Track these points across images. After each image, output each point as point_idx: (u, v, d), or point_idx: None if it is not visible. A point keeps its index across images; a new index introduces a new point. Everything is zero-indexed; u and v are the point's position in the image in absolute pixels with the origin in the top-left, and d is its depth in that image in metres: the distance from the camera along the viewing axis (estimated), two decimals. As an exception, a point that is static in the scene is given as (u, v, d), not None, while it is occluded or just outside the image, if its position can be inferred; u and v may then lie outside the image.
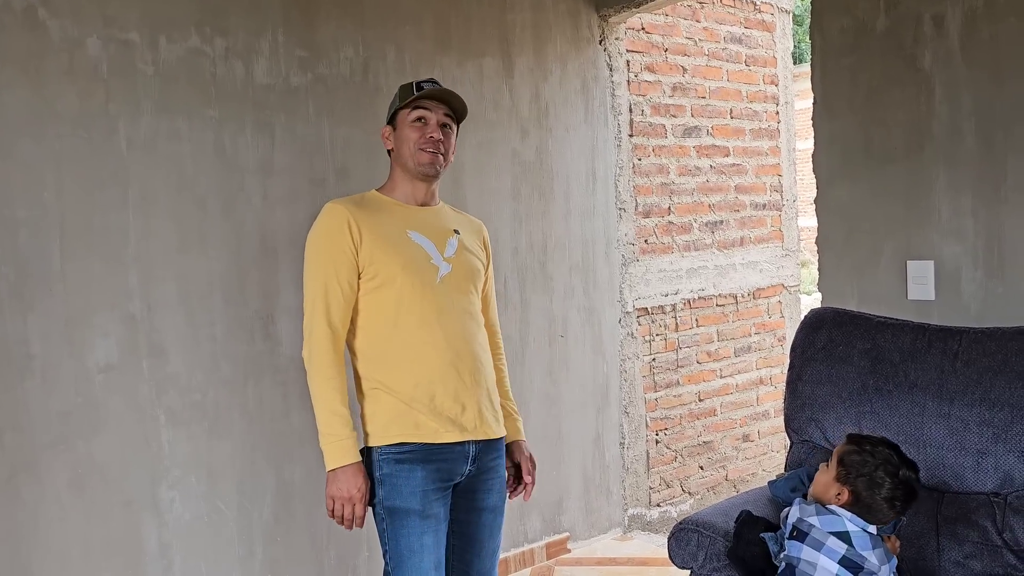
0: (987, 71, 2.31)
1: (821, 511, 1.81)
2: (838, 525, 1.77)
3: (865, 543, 1.74)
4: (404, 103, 2.06)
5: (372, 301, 2.00)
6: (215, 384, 2.66)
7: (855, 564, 1.73)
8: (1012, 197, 2.29)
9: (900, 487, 1.79)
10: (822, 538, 1.76)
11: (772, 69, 4.35)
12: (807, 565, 1.75)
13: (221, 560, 2.68)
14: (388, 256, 1.98)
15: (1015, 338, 2.06)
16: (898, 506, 1.80)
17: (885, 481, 1.79)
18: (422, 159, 2.05)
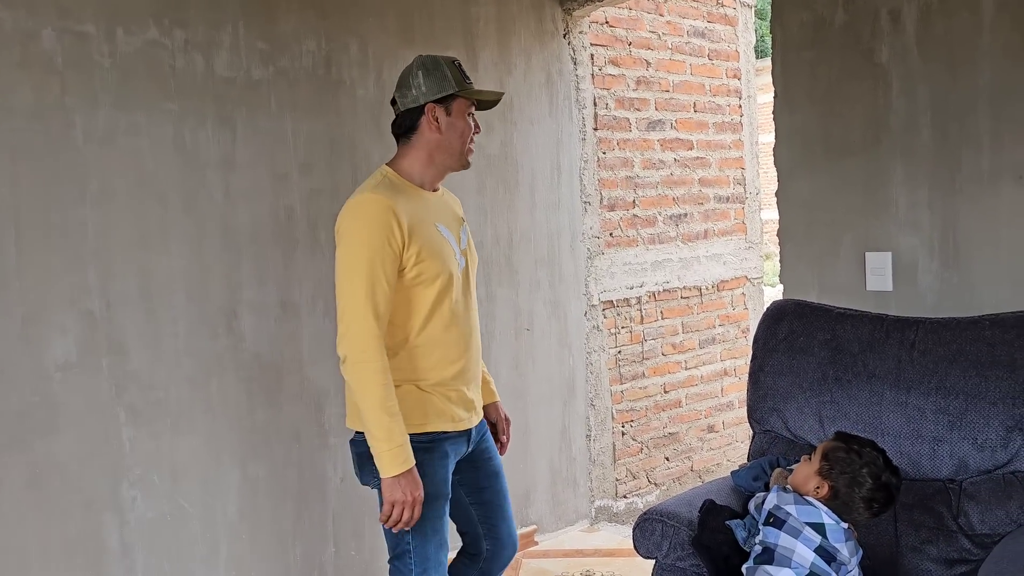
0: (942, 65, 2.35)
1: (799, 501, 1.84)
2: (815, 516, 1.80)
3: (839, 536, 1.78)
4: (467, 93, 2.02)
5: (408, 297, 1.96)
6: (177, 381, 2.63)
7: (829, 554, 1.76)
8: (966, 189, 2.34)
9: (881, 490, 1.82)
10: (799, 527, 1.79)
11: (735, 63, 4.40)
12: (785, 551, 1.79)
13: (185, 559, 2.65)
14: (431, 255, 1.96)
15: (969, 328, 2.11)
16: (875, 508, 1.83)
17: (867, 481, 1.81)
18: (464, 160, 2.08)
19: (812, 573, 1.76)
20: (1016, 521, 1.93)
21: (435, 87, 2.00)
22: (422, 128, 2.02)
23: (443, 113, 2.01)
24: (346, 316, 1.90)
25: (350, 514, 3.01)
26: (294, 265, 2.87)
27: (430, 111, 2.00)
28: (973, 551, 1.96)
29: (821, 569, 1.75)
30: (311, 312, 2.91)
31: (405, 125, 2.04)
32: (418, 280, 1.95)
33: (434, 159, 2.05)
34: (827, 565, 1.76)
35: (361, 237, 1.90)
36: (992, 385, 2.00)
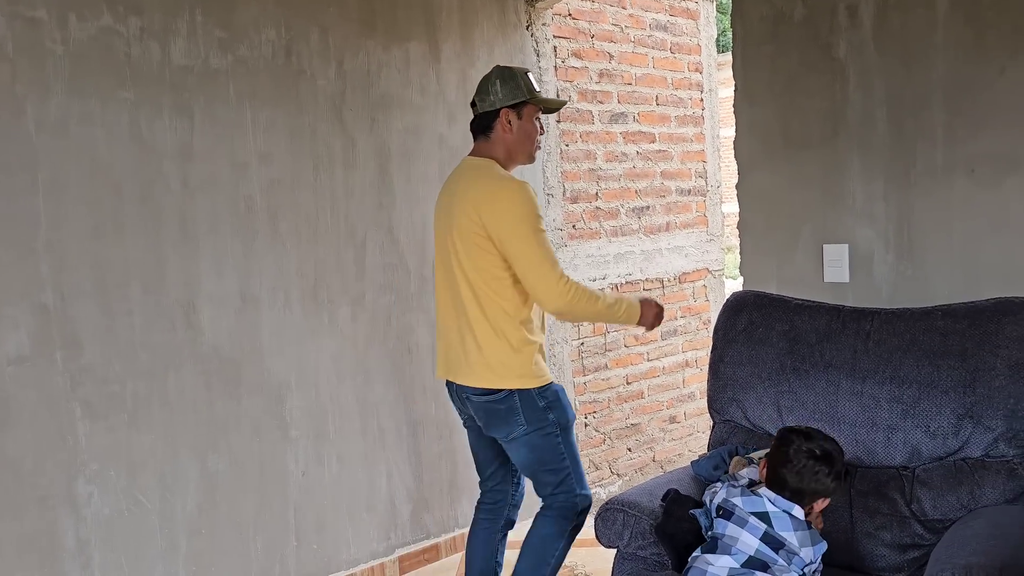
0: (897, 59, 2.39)
1: (745, 493, 1.87)
2: (759, 506, 1.84)
3: (785, 524, 1.81)
4: (538, 101, 2.39)
5: None
6: (134, 375, 2.58)
7: (776, 541, 1.79)
8: (921, 182, 2.38)
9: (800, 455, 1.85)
10: (745, 517, 1.83)
11: (696, 57, 4.43)
12: (729, 539, 1.82)
13: (143, 554, 2.61)
14: None
15: (922, 319, 2.15)
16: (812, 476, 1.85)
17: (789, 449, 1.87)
18: (532, 157, 2.46)
19: (755, 559, 1.78)
20: (966, 507, 1.98)
21: (510, 94, 2.35)
22: (497, 129, 2.38)
23: (515, 117, 2.37)
24: (546, 271, 2.25)
25: (312, 507, 2.99)
26: (254, 256, 2.83)
27: (504, 115, 2.36)
28: (926, 536, 2.01)
29: (766, 555, 1.78)
30: (272, 304, 2.88)
31: (483, 125, 2.40)
32: None
33: (511, 155, 2.40)
34: (774, 552, 1.79)
35: (534, 213, 2.26)
36: (944, 374, 2.05)
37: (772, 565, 1.78)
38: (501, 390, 2.31)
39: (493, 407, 2.33)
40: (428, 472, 3.32)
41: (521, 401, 2.31)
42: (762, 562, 1.78)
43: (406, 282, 3.23)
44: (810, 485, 1.86)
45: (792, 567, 1.79)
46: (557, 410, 2.36)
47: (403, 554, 3.24)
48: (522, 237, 2.22)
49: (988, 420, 1.99)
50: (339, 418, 3.06)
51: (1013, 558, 1.65)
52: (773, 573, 1.77)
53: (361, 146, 3.09)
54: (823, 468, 1.86)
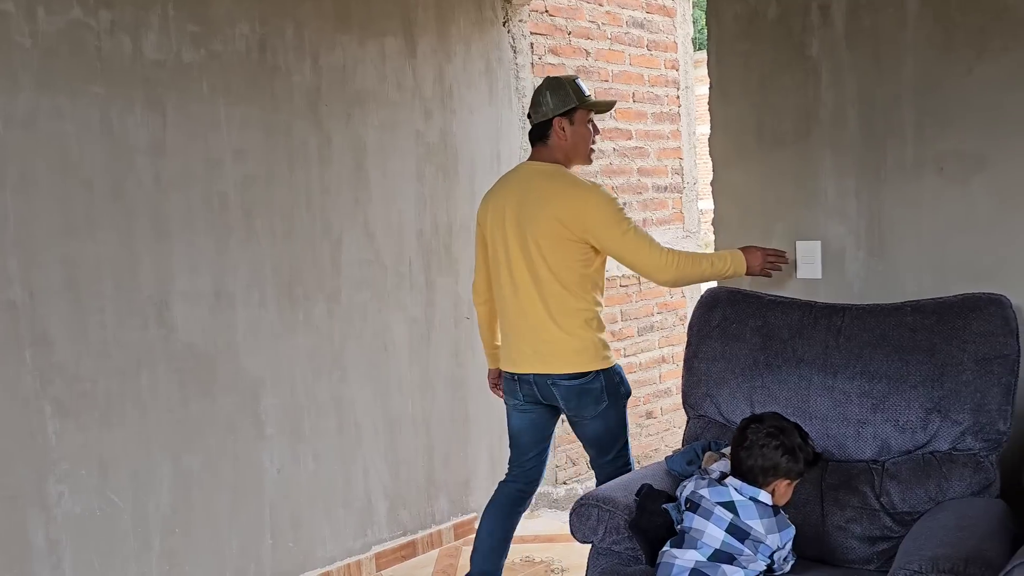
0: (868, 58, 2.42)
1: (712, 484, 1.89)
2: (724, 496, 1.85)
3: (751, 512, 1.82)
4: (588, 105, 2.54)
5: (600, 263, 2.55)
6: (106, 373, 2.56)
7: (742, 531, 1.81)
8: (891, 179, 2.41)
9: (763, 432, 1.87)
10: (711, 508, 1.84)
11: (673, 54, 4.45)
12: (696, 532, 1.83)
13: (115, 554, 2.59)
14: None
15: (892, 314, 2.18)
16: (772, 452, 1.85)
17: (749, 434, 1.89)
18: (592, 152, 2.61)
19: (721, 551, 1.80)
20: (934, 499, 2.01)
21: (560, 103, 2.51)
22: (552, 137, 2.53)
23: (567, 123, 2.52)
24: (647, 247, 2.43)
25: (288, 505, 2.98)
26: (228, 253, 2.81)
27: (557, 124, 2.51)
28: (895, 528, 2.04)
29: (732, 547, 1.80)
30: (247, 301, 2.86)
31: (540, 133, 2.56)
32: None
33: (569, 158, 2.56)
34: (740, 543, 1.80)
35: (616, 208, 2.45)
36: (913, 369, 2.08)
37: (738, 556, 1.80)
38: (588, 372, 2.52)
39: (584, 388, 2.52)
40: (405, 469, 3.32)
41: (605, 380, 2.53)
42: (728, 554, 1.80)
43: (382, 279, 3.23)
44: (758, 461, 1.86)
45: (759, 555, 1.80)
46: (624, 383, 2.61)
47: (379, 551, 3.23)
48: (619, 234, 2.43)
49: (955, 414, 2.03)
50: (315, 415, 3.05)
51: (978, 549, 1.68)
52: (740, 564, 1.79)
53: (337, 142, 3.08)
54: (771, 442, 1.86)
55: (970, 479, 2.00)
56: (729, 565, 1.79)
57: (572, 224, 2.42)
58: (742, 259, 2.48)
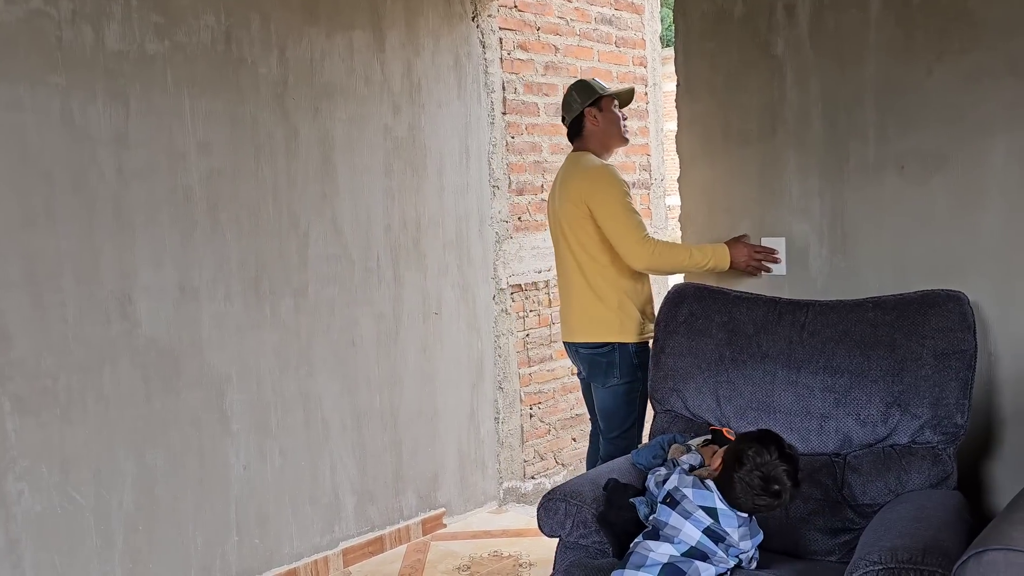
0: (832, 58, 2.46)
1: (697, 484, 1.89)
2: (708, 500, 1.86)
3: (731, 522, 1.84)
4: (607, 93, 2.83)
5: None
6: (67, 368, 2.52)
7: (717, 535, 1.83)
8: (853, 178, 2.45)
9: (757, 471, 1.80)
10: (692, 509, 1.85)
11: (641, 51, 4.47)
12: (672, 529, 1.85)
13: (77, 552, 2.55)
14: None
15: (854, 310, 2.22)
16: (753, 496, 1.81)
17: (747, 463, 1.81)
18: (625, 131, 2.90)
19: (695, 549, 1.82)
20: (894, 491, 2.06)
21: (587, 96, 2.83)
22: (587, 126, 2.84)
23: (597, 111, 2.82)
24: (628, 236, 2.64)
25: (254, 501, 2.96)
26: (193, 247, 2.78)
27: (588, 113, 2.83)
28: (856, 520, 2.08)
29: (706, 547, 1.82)
30: (212, 295, 2.83)
31: (574, 131, 2.88)
32: None
33: (606, 143, 2.87)
34: (714, 544, 1.83)
35: (617, 187, 2.68)
36: (874, 364, 2.12)
37: (711, 556, 1.82)
38: (605, 344, 2.74)
39: (596, 358, 2.77)
40: (372, 464, 3.31)
41: (620, 355, 2.72)
42: (702, 552, 1.82)
43: (350, 273, 3.21)
44: (748, 503, 1.83)
45: (729, 557, 1.83)
46: (646, 369, 2.64)
47: (347, 547, 3.22)
48: (610, 214, 2.66)
49: (915, 408, 2.07)
50: (281, 411, 3.03)
51: (935, 540, 1.72)
52: (712, 562, 1.82)
53: (304, 135, 3.05)
54: (766, 499, 1.82)
55: (928, 471, 2.05)
56: (702, 562, 1.81)
57: (580, 203, 2.70)
58: (725, 253, 2.60)
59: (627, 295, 2.74)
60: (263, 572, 2.98)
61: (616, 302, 2.72)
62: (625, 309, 2.73)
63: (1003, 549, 1.46)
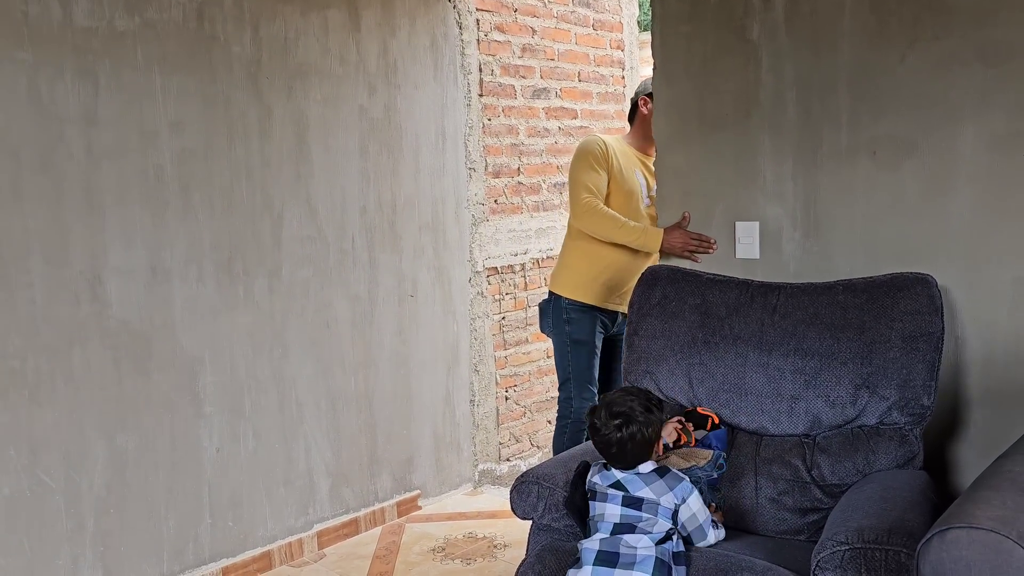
0: (806, 44, 2.47)
1: (601, 470, 1.95)
2: (611, 478, 1.91)
3: (636, 485, 1.88)
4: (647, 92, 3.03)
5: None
6: (35, 350, 2.48)
7: (635, 500, 1.87)
8: (826, 163, 2.47)
9: (599, 424, 1.88)
10: (605, 491, 1.90)
11: (619, 34, 4.46)
12: (598, 517, 1.90)
13: (47, 535, 2.53)
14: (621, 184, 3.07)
15: (825, 293, 2.24)
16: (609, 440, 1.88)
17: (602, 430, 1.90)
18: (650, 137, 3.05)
19: (620, 524, 1.85)
20: (861, 471, 2.09)
21: (646, 90, 3.13)
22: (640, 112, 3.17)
23: (650, 101, 2.99)
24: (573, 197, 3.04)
25: (227, 484, 2.94)
26: (165, 227, 2.75)
27: (646, 103, 3.09)
28: (825, 500, 2.11)
29: (630, 517, 1.86)
30: (184, 277, 2.80)
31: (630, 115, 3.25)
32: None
33: (645, 131, 3.10)
34: (637, 511, 1.86)
35: (580, 155, 3.07)
36: (843, 346, 2.15)
37: (638, 523, 1.84)
38: (549, 293, 3.16)
39: (542, 305, 3.19)
40: (347, 447, 3.30)
41: (553, 306, 3.09)
42: (627, 525, 1.85)
43: (325, 255, 3.19)
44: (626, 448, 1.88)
45: (659, 516, 1.85)
46: (575, 325, 3.04)
47: (321, 529, 3.22)
48: (570, 177, 3.07)
49: (883, 390, 2.10)
50: (255, 393, 3.01)
51: (900, 520, 1.75)
52: (642, 530, 1.83)
53: (278, 116, 3.02)
54: (619, 424, 1.87)
55: (896, 452, 2.09)
56: (631, 535, 1.83)
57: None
58: (658, 237, 2.79)
59: (584, 256, 3.02)
60: (237, 554, 2.98)
61: (569, 259, 3.06)
62: (574, 267, 3.03)
63: (966, 527, 1.49)
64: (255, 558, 3.02)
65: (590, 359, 3.08)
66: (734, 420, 2.26)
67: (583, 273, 3.04)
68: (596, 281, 3.04)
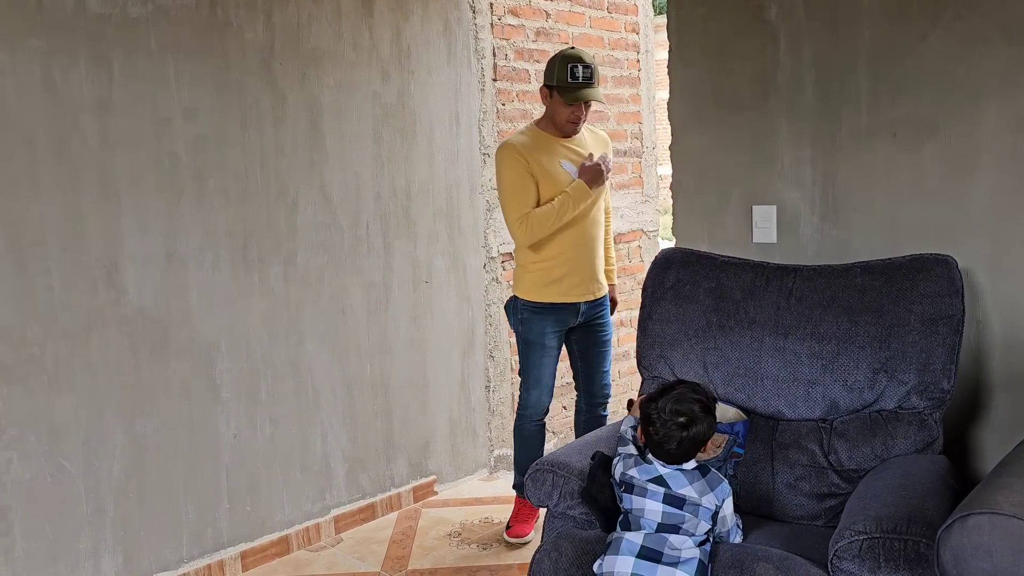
0: (825, 25, 2.43)
1: (639, 463, 1.92)
2: (652, 472, 1.88)
3: (680, 482, 1.86)
4: (564, 95, 2.91)
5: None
6: (54, 337, 2.50)
7: (677, 499, 1.84)
8: (845, 146, 2.44)
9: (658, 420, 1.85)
10: (644, 486, 1.87)
11: (633, 17, 4.42)
12: (637, 511, 1.87)
13: (67, 520, 2.56)
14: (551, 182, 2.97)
15: (842, 275, 2.21)
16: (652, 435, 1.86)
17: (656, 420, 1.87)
18: (567, 130, 3.00)
19: (664, 524, 1.83)
20: (880, 456, 2.07)
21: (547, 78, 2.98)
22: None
23: (548, 93, 2.98)
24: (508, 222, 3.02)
25: (245, 470, 2.96)
26: (180, 214, 2.76)
27: (544, 94, 3.00)
28: (842, 485, 2.09)
29: (673, 516, 1.84)
30: (199, 264, 2.81)
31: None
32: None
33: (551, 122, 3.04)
34: (679, 510, 1.84)
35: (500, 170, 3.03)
36: (861, 330, 2.12)
37: (681, 524, 1.83)
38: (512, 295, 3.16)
39: (506, 304, 3.20)
40: (363, 432, 3.31)
41: (512, 305, 3.12)
42: (672, 525, 1.83)
43: (339, 242, 3.19)
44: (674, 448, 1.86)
45: (700, 518, 1.84)
46: (526, 325, 3.06)
47: (338, 514, 3.24)
48: (499, 195, 3.01)
49: (902, 374, 2.08)
50: (271, 379, 3.03)
51: (920, 509, 1.73)
52: (686, 531, 1.82)
53: (291, 102, 3.02)
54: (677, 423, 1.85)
55: (915, 437, 2.06)
56: (675, 535, 1.82)
57: None
58: (582, 188, 2.95)
59: (529, 256, 3.02)
60: (255, 539, 3.00)
61: (520, 260, 3.07)
62: (525, 267, 3.05)
63: (988, 513, 1.47)
64: (273, 542, 3.04)
65: (540, 359, 3.07)
66: (750, 405, 2.24)
67: (533, 273, 3.03)
68: (547, 279, 3.02)
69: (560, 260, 3.02)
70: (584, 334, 3.16)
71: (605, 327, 3.19)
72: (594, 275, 3.10)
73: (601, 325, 3.18)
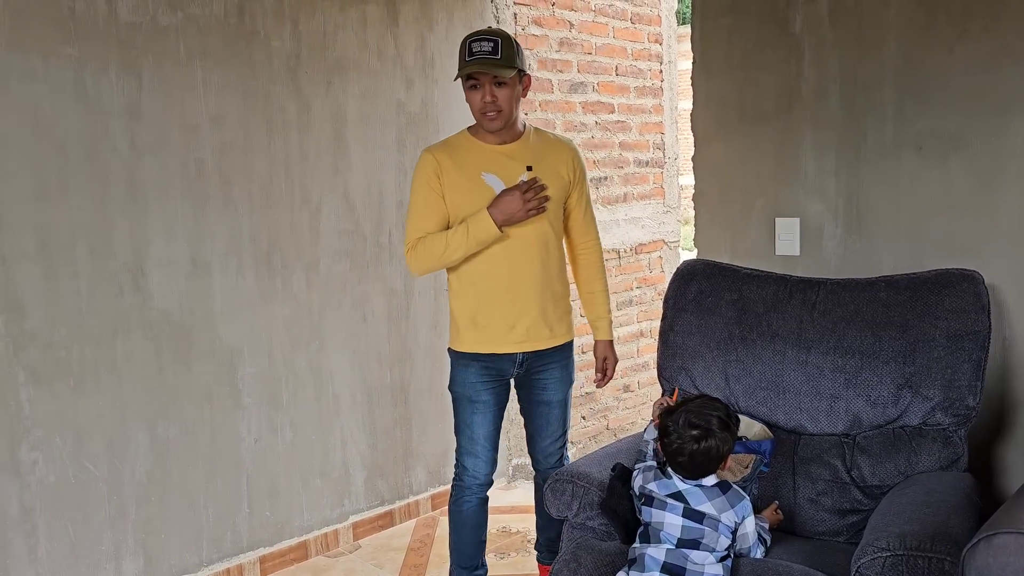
0: (851, 36, 2.42)
1: (658, 476, 1.91)
2: (671, 487, 1.87)
3: (699, 498, 1.84)
4: (458, 73, 2.31)
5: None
6: (80, 340, 2.54)
7: (697, 514, 1.83)
8: (870, 158, 2.42)
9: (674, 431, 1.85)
10: (663, 499, 1.87)
11: (657, 28, 4.42)
12: (657, 524, 1.86)
13: (90, 521, 2.58)
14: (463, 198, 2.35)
15: (866, 289, 2.20)
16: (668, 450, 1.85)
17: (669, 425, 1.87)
18: (484, 123, 2.36)
19: (684, 539, 1.82)
20: (903, 473, 2.05)
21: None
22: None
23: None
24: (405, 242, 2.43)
25: (265, 475, 2.98)
26: (205, 220, 2.79)
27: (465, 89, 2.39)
28: (865, 502, 2.07)
29: (693, 530, 1.83)
30: (224, 269, 2.84)
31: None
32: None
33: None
34: (699, 524, 1.83)
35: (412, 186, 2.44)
36: (885, 345, 2.10)
37: (701, 539, 1.82)
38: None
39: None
40: (383, 439, 3.32)
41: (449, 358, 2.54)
42: (692, 540, 1.82)
43: (362, 249, 3.21)
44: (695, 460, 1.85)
45: (720, 533, 1.83)
46: (452, 377, 2.51)
47: (357, 520, 3.25)
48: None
49: (926, 390, 2.06)
50: (293, 385, 3.05)
51: (944, 526, 1.71)
52: (706, 547, 1.81)
53: (316, 110, 3.04)
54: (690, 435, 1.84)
55: (939, 453, 2.04)
56: (695, 551, 1.81)
57: None
58: (484, 218, 2.28)
59: (455, 298, 2.45)
60: (274, 544, 3.02)
61: (450, 303, 2.49)
62: (452, 311, 2.47)
63: (1014, 532, 1.45)
64: (292, 548, 3.05)
65: (471, 416, 2.46)
66: (772, 418, 2.23)
67: (459, 316, 2.44)
68: (474, 323, 2.40)
69: (490, 300, 2.38)
70: (526, 390, 2.54)
71: (550, 385, 2.51)
72: (541, 319, 2.41)
73: (543, 381, 2.50)
